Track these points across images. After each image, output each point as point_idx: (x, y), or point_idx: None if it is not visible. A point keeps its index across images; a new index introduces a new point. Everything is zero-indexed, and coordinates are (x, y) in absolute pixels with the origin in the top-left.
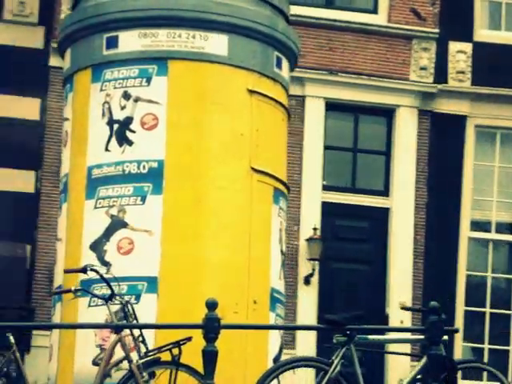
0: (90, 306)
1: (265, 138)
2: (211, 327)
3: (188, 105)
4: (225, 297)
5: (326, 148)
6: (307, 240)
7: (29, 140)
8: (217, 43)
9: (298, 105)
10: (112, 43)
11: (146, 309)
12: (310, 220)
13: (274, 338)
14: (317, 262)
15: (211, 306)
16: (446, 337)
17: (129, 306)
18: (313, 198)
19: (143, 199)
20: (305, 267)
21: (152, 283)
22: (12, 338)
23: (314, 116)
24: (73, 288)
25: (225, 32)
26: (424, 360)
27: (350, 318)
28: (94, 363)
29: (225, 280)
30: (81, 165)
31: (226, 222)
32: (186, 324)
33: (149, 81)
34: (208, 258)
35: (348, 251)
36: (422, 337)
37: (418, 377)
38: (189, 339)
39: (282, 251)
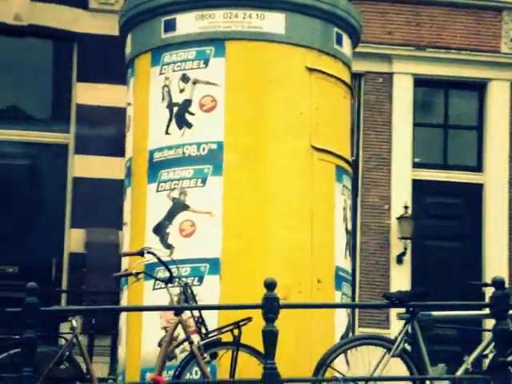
0: (154, 288)
1: (325, 116)
2: (270, 307)
3: (246, 85)
4: (288, 277)
5: (416, 125)
6: (398, 218)
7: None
8: (274, 22)
9: (386, 82)
10: (170, 26)
11: (209, 290)
12: (401, 198)
13: (341, 316)
14: (409, 241)
15: (270, 285)
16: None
17: (188, 288)
18: (403, 176)
19: (203, 181)
20: (397, 246)
21: (214, 265)
22: (74, 322)
23: (403, 93)
24: (134, 271)
25: (282, 10)
26: (490, 335)
27: (411, 294)
28: (160, 345)
29: (288, 260)
30: (143, 149)
31: (287, 201)
32: (245, 304)
33: (206, 62)
34: (270, 238)
35: (440, 229)
36: (487, 312)
37: (485, 353)
38: (249, 319)
39: (346, 230)
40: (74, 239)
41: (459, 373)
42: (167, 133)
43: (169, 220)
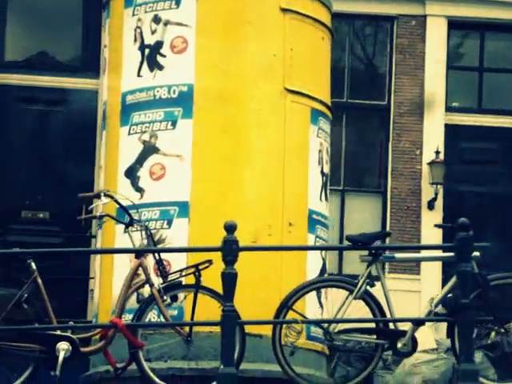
0: (125, 231)
1: (300, 57)
2: (229, 250)
3: (218, 26)
4: (258, 220)
5: (450, 68)
6: (430, 164)
7: None
8: None
9: (419, 25)
10: None
11: (178, 233)
12: (433, 143)
13: (314, 260)
14: (440, 186)
15: (229, 228)
16: (477, 253)
17: (148, 231)
18: (436, 121)
19: (174, 124)
20: (428, 191)
21: (183, 208)
22: (33, 264)
23: (436, 36)
24: (97, 214)
25: None
26: (454, 278)
27: (373, 236)
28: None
29: (258, 203)
30: (116, 91)
31: (258, 144)
32: (205, 247)
33: (178, 3)
34: (240, 182)
35: (473, 174)
36: (451, 254)
37: (449, 295)
38: (209, 262)
39: (322, 172)
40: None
41: (423, 314)
42: (139, 75)
43: (140, 163)
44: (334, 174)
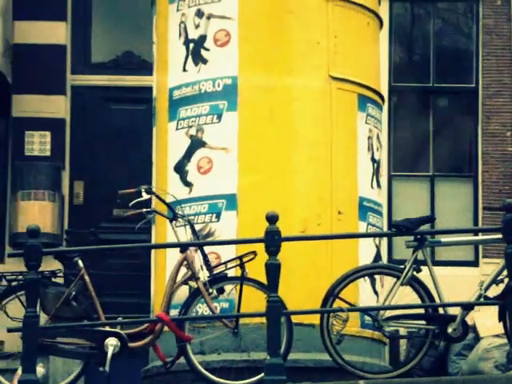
0: (176, 226)
1: (345, 44)
2: (271, 240)
3: (260, 17)
4: (306, 209)
5: None
6: None
7: None
8: None
9: (505, 4)
10: None
11: (227, 226)
12: None
13: (366, 247)
14: None
15: (271, 219)
16: None
17: (191, 225)
18: None
19: (219, 117)
20: None
21: (231, 200)
22: (80, 262)
23: None
24: (144, 210)
25: None
26: (503, 261)
27: (417, 221)
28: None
29: (306, 192)
30: (164, 87)
31: (305, 133)
32: (247, 239)
33: None
34: (287, 172)
35: None
36: (499, 236)
37: (500, 278)
38: (253, 253)
39: (373, 159)
40: None
41: (473, 298)
42: (184, 70)
43: (187, 158)
44: (423, 159)
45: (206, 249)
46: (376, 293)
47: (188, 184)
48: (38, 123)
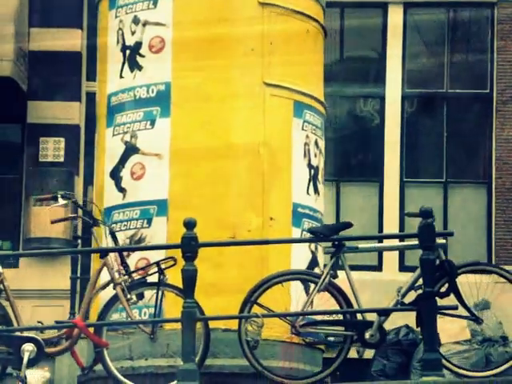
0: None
1: (281, 51)
2: (188, 246)
3: (194, 24)
4: (237, 215)
5: None
6: None
7: None
8: None
9: None
10: None
11: (157, 232)
12: None
13: (300, 253)
14: None
15: (188, 224)
16: (443, 240)
17: (111, 231)
18: None
19: (152, 123)
20: None
21: (162, 206)
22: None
23: None
24: (70, 215)
25: None
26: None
27: (334, 227)
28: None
29: (236, 198)
30: (103, 93)
31: (238, 139)
32: (164, 244)
33: (155, 3)
34: (218, 178)
35: None
36: (415, 242)
37: (418, 284)
38: (172, 258)
39: (310, 165)
40: None
41: (391, 304)
42: (121, 76)
43: (122, 164)
44: (436, 165)
45: (137, 255)
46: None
47: (122, 190)
48: (52, 129)
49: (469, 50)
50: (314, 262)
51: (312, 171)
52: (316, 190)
